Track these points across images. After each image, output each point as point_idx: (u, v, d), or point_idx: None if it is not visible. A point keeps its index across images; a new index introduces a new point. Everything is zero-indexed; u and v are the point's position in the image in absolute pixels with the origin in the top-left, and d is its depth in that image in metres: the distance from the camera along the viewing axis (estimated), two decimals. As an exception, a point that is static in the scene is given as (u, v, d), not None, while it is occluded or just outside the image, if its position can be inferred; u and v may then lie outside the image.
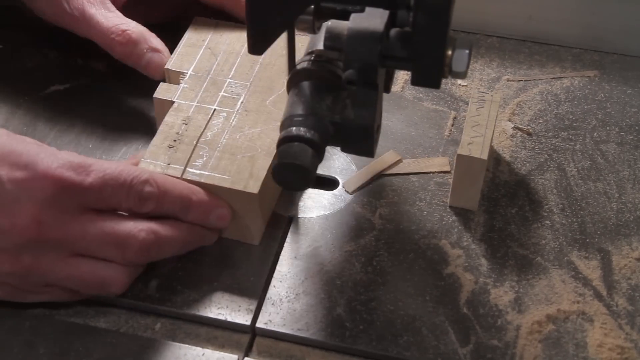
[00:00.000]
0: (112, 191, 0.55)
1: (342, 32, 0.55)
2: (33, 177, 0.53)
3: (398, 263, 0.62)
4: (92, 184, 0.54)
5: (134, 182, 0.56)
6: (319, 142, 0.56)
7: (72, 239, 0.54)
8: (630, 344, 0.57)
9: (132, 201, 0.56)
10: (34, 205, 0.53)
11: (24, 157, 0.53)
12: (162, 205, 0.57)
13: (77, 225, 0.54)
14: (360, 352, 0.56)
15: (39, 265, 0.54)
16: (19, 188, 0.53)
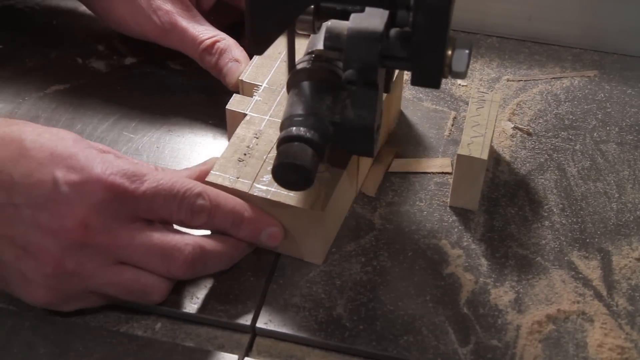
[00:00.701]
0: (164, 202, 0.55)
1: (342, 32, 0.55)
2: (86, 181, 0.53)
3: (398, 263, 0.62)
4: (144, 192, 0.54)
5: (186, 194, 0.56)
6: (319, 142, 0.56)
7: (118, 246, 0.54)
8: (631, 344, 0.57)
9: (184, 213, 0.56)
10: (85, 209, 0.53)
11: (81, 161, 0.54)
12: (213, 219, 0.57)
13: (124, 233, 0.54)
14: (360, 352, 0.56)
15: (82, 270, 0.54)
16: (72, 190, 0.53)
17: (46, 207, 0.53)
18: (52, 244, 0.53)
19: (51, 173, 0.53)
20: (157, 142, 0.70)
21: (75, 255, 0.54)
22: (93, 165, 0.54)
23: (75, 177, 0.53)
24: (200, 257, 0.56)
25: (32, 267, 0.54)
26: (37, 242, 0.53)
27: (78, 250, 0.54)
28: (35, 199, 0.53)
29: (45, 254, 0.53)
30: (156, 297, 0.57)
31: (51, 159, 0.54)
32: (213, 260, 0.58)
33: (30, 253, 0.53)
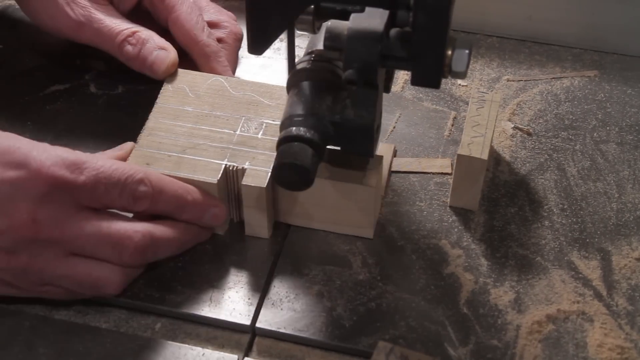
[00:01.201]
0: (105, 190, 0.55)
1: (342, 32, 0.55)
2: (27, 176, 0.53)
3: (398, 263, 0.62)
4: (85, 182, 0.54)
5: (127, 180, 0.56)
6: (319, 142, 0.56)
7: (68, 238, 0.54)
8: (630, 344, 0.57)
9: (126, 200, 0.56)
10: (30, 204, 0.53)
11: (17, 155, 0.53)
12: (156, 204, 0.57)
13: (73, 224, 0.54)
14: (360, 352, 0.56)
15: (35, 264, 0.54)
16: (14, 187, 0.53)
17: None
18: (3, 241, 0.53)
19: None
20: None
21: (27, 250, 0.54)
22: (29, 158, 0.53)
23: (14, 173, 0.53)
24: (151, 243, 0.56)
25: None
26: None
27: (29, 244, 0.54)
28: None
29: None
30: (110, 289, 0.56)
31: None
32: (163, 246, 0.58)
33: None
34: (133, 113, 0.73)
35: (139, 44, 0.68)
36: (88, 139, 0.70)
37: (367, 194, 0.60)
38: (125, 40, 0.69)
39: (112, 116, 0.73)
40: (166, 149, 0.63)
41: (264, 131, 0.64)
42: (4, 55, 0.79)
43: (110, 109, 0.74)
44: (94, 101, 0.74)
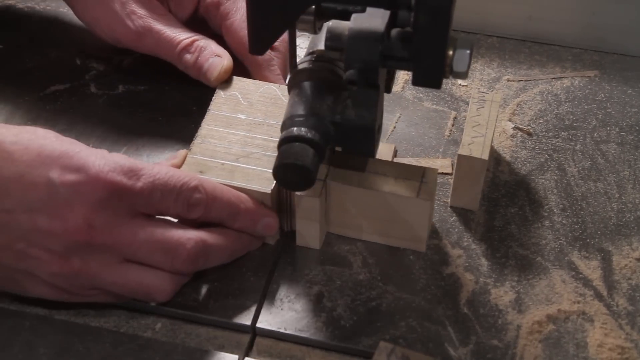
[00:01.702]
0: (161, 196, 0.55)
1: (343, 33, 0.55)
2: (85, 181, 0.53)
3: (398, 263, 0.62)
4: (142, 188, 0.54)
5: (183, 188, 0.56)
6: (320, 142, 0.56)
7: (122, 244, 0.54)
8: (631, 344, 0.57)
9: (181, 207, 0.56)
10: (85, 208, 0.53)
11: (75, 160, 0.53)
12: (209, 211, 0.57)
13: (127, 230, 0.54)
14: (360, 352, 0.56)
15: (88, 269, 0.54)
16: (71, 191, 0.52)
17: (43, 210, 0.53)
18: (56, 244, 0.53)
19: (44, 175, 0.53)
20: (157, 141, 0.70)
21: (80, 254, 0.54)
22: (88, 163, 0.53)
23: (72, 177, 0.53)
24: (203, 251, 0.56)
25: (36, 266, 0.54)
26: (37, 245, 0.53)
27: (83, 249, 0.54)
28: (30, 203, 0.53)
29: (49, 254, 0.53)
30: (160, 297, 0.57)
31: (40, 160, 0.53)
32: (215, 254, 0.58)
33: (32, 257, 0.53)
34: (133, 113, 0.73)
35: (197, 52, 0.69)
36: (88, 139, 0.70)
37: (422, 208, 0.60)
38: (185, 50, 0.69)
39: (112, 116, 0.73)
40: (219, 157, 0.62)
41: None
42: (4, 55, 0.79)
43: (110, 109, 0.73)
44: (94, 101, 0.74)
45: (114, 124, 0.72)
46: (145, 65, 0.77)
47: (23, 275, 0.55)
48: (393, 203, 0.60)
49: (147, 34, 0.70)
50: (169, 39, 0.70)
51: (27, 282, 0.55)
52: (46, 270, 0.54)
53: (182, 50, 0.69)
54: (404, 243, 0.62)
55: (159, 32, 0.70)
